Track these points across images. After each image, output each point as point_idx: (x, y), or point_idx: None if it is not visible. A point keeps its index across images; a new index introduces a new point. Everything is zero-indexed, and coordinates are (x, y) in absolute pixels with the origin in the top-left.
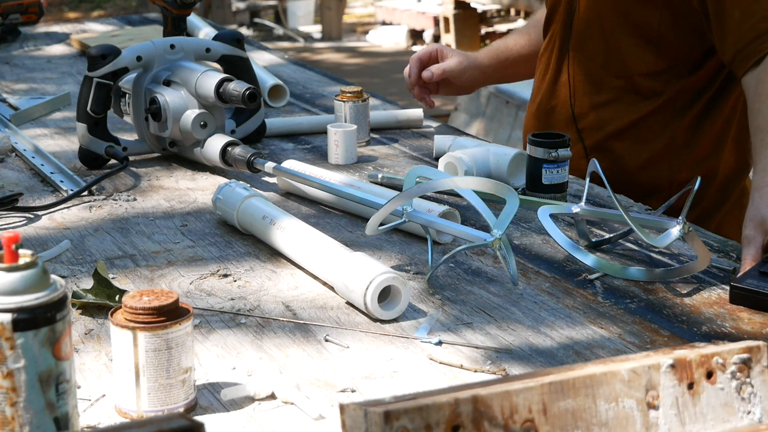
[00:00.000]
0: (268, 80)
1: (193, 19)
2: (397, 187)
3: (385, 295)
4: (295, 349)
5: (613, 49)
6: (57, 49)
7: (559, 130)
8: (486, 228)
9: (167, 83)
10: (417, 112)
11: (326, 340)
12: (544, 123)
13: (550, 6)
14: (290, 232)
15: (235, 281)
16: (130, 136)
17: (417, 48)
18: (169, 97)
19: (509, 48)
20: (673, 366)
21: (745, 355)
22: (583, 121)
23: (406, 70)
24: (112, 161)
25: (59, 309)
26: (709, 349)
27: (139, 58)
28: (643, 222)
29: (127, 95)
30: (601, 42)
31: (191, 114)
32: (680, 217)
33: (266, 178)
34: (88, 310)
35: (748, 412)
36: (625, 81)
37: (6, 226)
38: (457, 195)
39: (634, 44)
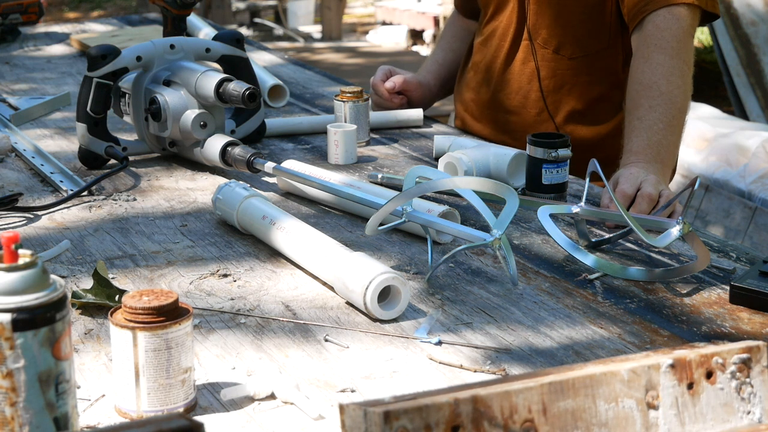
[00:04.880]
0: (268, 80)
1: (193, 19)
2: (397, 187)
3: (385, 295)
4: (295, 349)
5: (566, 31)
6: (57, 49)
7: (530, 114)
8: (486, 228)
9: (167, 83)
10: (417, 112)
11: (326, 340)
12: (508, 109)
13: (494, 4)
14: (290, 232)
15: (234, 281)
16: (129, 136)
17: (417, 48)
18: (168, 97)
19: (443, 65)
20: (672, 366)
21: (744, 355)
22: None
23: (374, 93)
24: (112, 161)
25: (59, 309)
26: (708, 349)
27: (138, 58)
28: (642, 222)
29: (126, 95)
30: (554, 28)
31: (191, 114)
32: (680, 217)
33: (266, 178)
34: (87, 310)
35: (748, 412)
36: (579, 62)
37: (6, 226)
38: (457, 195)
39: (587, 25)
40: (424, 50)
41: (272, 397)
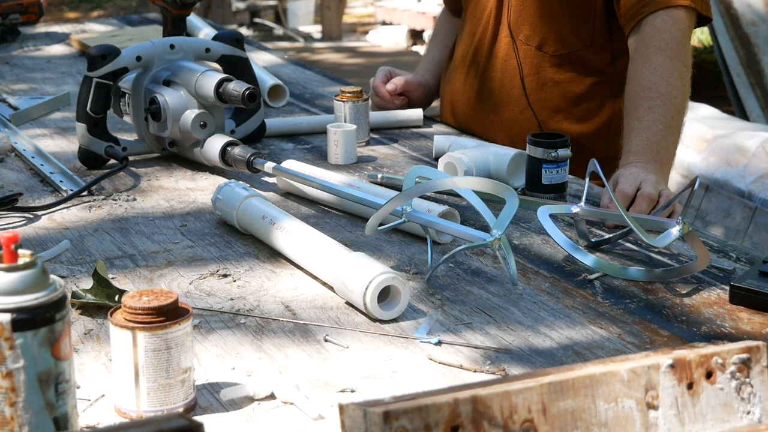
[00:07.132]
0: (267, 80)
1: (193, 19)
2: (397, 187)
3: (385, 295)
4: (295, 349)
5: (550, 28)
6: (57, 49)
7: (512, 110)
8: (486, 228)
9: (167, 83)
10: (417, 112)
11: (326, 340)
12: (491, 107)
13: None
14: (290, 232)
15: (234, 281)
16: (129, 136)
17: (417, 48)
18: (168, 97)
19: (440, 64)
20: (672, 366)
21: (744, 355)
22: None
23: (374, 95)
24: (112, 161)
25: (58, 309)
26: (708, 349)
27: (138, 58)
28: (642, 222)
29: (126, 95)
30: (537, 24)
31: (191, 114)
32: (680, 217)
33: (266, 178)
34: (87, 310)
35: (748, 412)
36: (562, 59)
37: (6, 226)
38: (457, 195)
39: (570, 22)
40: (424, 50)
41: (272, 397)
